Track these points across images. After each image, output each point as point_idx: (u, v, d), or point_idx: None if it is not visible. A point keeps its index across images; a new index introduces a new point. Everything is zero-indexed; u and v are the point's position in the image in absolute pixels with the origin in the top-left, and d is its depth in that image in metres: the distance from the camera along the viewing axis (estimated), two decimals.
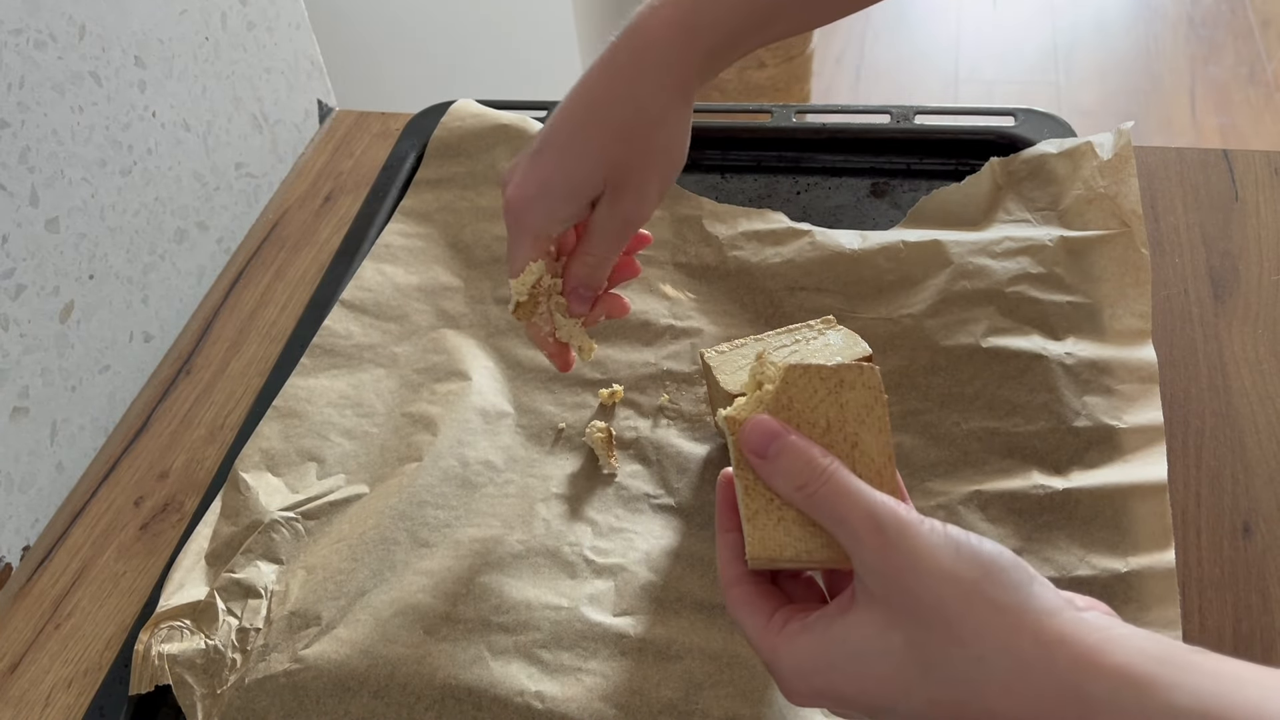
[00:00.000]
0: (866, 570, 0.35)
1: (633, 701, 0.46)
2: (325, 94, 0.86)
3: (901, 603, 0.34)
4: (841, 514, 0.35)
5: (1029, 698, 0.32)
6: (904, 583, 0.34)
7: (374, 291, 0.65)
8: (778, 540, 0.37)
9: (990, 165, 0.66)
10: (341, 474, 0.56)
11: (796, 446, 0.37)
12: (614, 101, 0.47)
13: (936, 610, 0.33)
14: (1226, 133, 2.07)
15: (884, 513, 0.35)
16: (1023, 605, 0.33)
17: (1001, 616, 0.33)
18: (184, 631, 0.50)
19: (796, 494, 0.37)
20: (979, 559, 0.34)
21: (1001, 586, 0.33)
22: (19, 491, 0.59)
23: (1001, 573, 0.34)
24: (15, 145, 0.56)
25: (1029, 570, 0.34)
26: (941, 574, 0.33)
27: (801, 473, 0.36)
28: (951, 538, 0.34)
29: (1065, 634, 0.32)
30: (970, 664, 0.33)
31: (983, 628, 0.33)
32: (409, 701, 0.47)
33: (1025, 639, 0.32)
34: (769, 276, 0.63)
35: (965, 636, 0.33)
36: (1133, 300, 0.58)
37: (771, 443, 0.37)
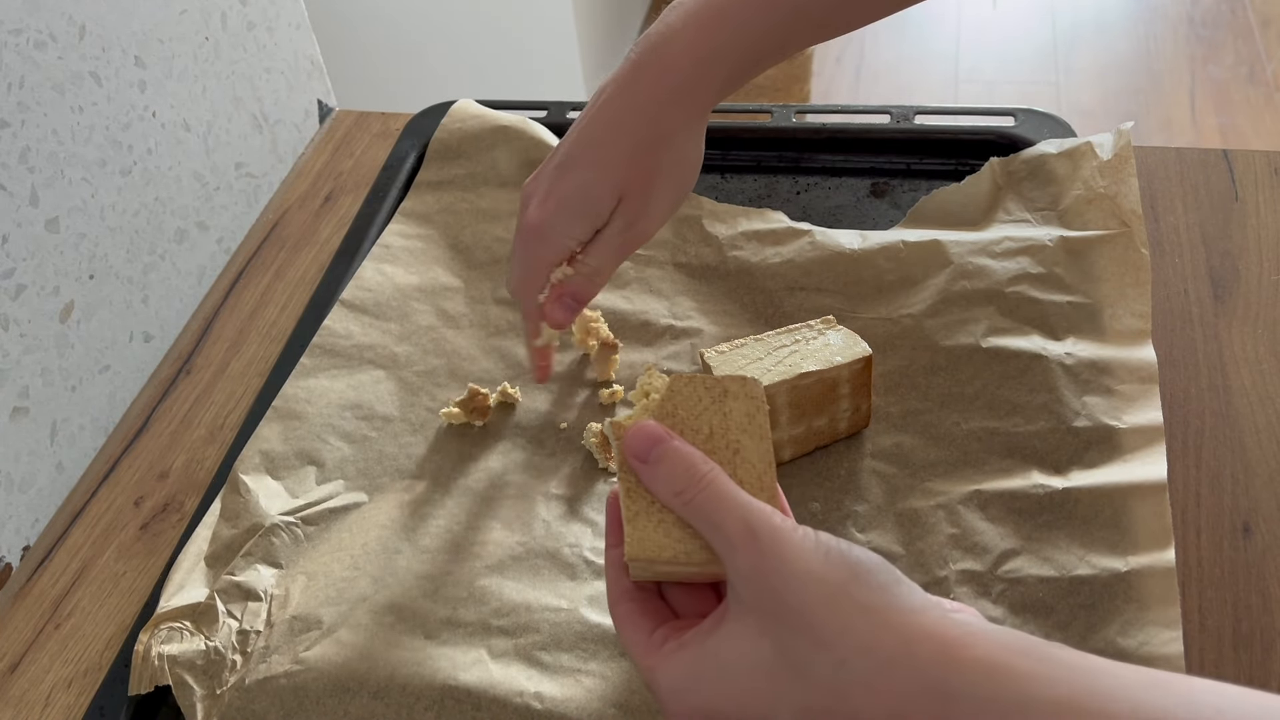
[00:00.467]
0: (739, 577, 0.35)
1: (632, 701, 0.46)
2: (325, 94, 0.86)
3: (771, 608, 0.34)
4: (717, 520, 0.36)
5: (891, 696, 0.32)
6: (773, 587, 0.34)
7: (374, 292, 0.65)
8: (656, 542, 0.37)
9: (990, 165, 0.66)
10: (340, 479, 0.57)
11: (678, 452, 0.37)
12: (633, 122, 0.48)
13: (802, 614, 0.33)
14: (1226, 133, 2.07)
15: (758, 520, 0.35)
16: (887, 605, 0.33)
17: (866, 616, 0.33)
18: (184, 633, 0.50)
19: (675, 499, 0.37)
20: (846, 561, 0.34)
21: (867, 588, 0.33)
22: (19, 491, 0.59)
23: (868, 574, 0.34)
24: (15, 145, 0.56)
25: (896, 573, 0.34)
26: (809, 577, 0.33)
27: (681, 478, 0.37)
28: (821, 543, 0.34)
29: (928, 630, 0.32)
30: (835, 666, 0.33)
31: (847, 629, 0.33)
32: (409, 702, 0.47)
33: (889, 637, 0.32)
34: (769, 276, 0.63)
35: (830, 639, 0.33)
36: (1133, 300, 0.58)
37: (653, 448, 0.37)
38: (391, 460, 0.57)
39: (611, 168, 0.48)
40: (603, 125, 0.49)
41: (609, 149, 0.48)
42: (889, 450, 0.55)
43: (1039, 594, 0.48)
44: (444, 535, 0.53)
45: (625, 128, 0.48)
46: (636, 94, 0.48)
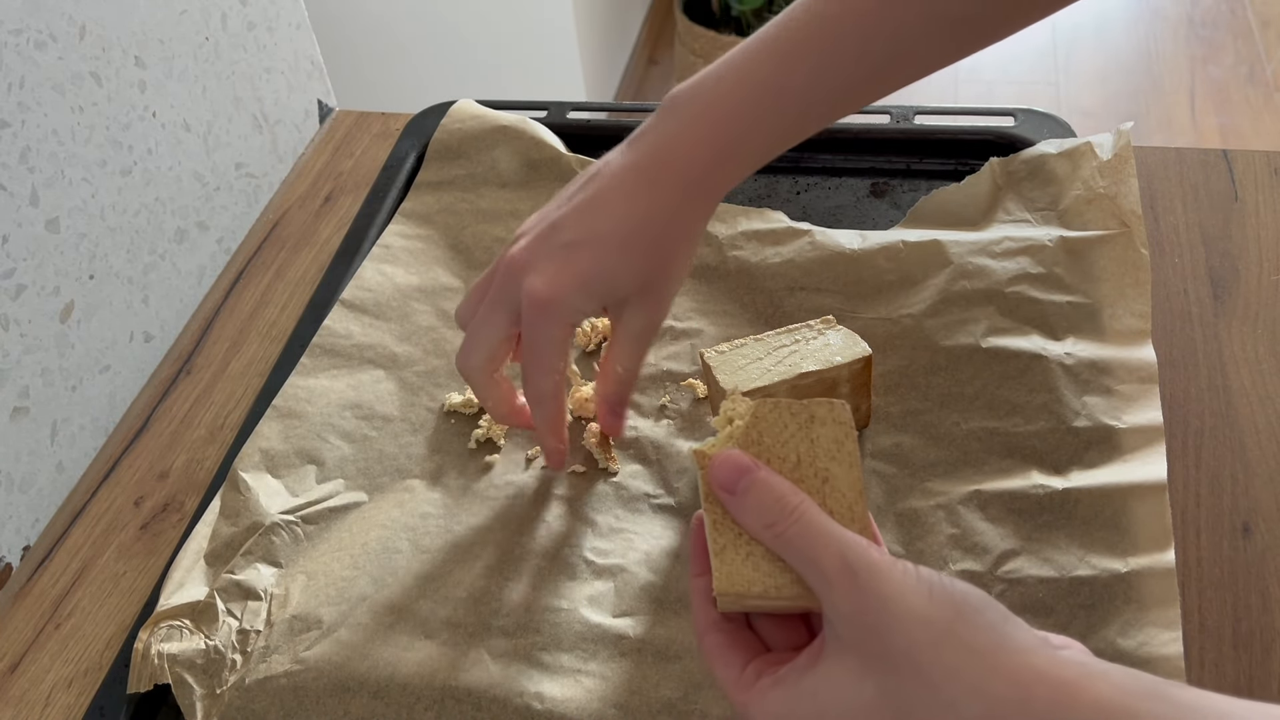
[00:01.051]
0: (836, 614, 0.34)
1: (631, 701, 0.46)
2: (325, 94, 0.86)
3: (872, 649, 0.33)
4: (812, 555, 0.35)
5: None
6: (875, 628, 0.33)
7: (374, 292, 0.65)
8: (745, 576, 0.36)
9: (990, 165, 0.66)
10: (340, 479, 0.57)
11: (766, 483, 0.36)
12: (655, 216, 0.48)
13: (908, 655, 0.32)
14: (1226, 133, 2.07)
15: (855, 555, 0.34)
16: (998, 646, 0.32)
17: (976, 658, 0.32)
18: (183, 631, 0.50)
19: (765, 532, 0.36)
20: (952, 600, 0.33)
21: (975, 628, 0.32)
22: (19, 491, 0.59)
23: (975, 614, 0.33)
24: (15, 145, 0.56)
25: (1002, 610, 0.33)
26: (914, 617, 0.32)
27: (771, 510, 0.36)
28: (924, 579, 0.33)
29: (1042, 672, 0.31)
30: (943, 709, 0.32)
31: (956, 671, 0.32)
32: (409, 702, 0.47)
33: (1000, 680, 0.31)
34: (769, 276, 0.63)
35: (938, 681, 0.32)
36: (1132, 300, 0.58)
37: (741, 478, 0.36)
38: (391, 460, 0.57)
39: (636, 258, 0.48)
40: (629, 212, 0.48)
41: (635, 242, 0.48)
42: (889, 450, 0.55)
43: (1039, 594, 0.48)
44: (444, 535, 0.53)
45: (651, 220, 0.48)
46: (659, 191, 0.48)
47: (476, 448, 0.58)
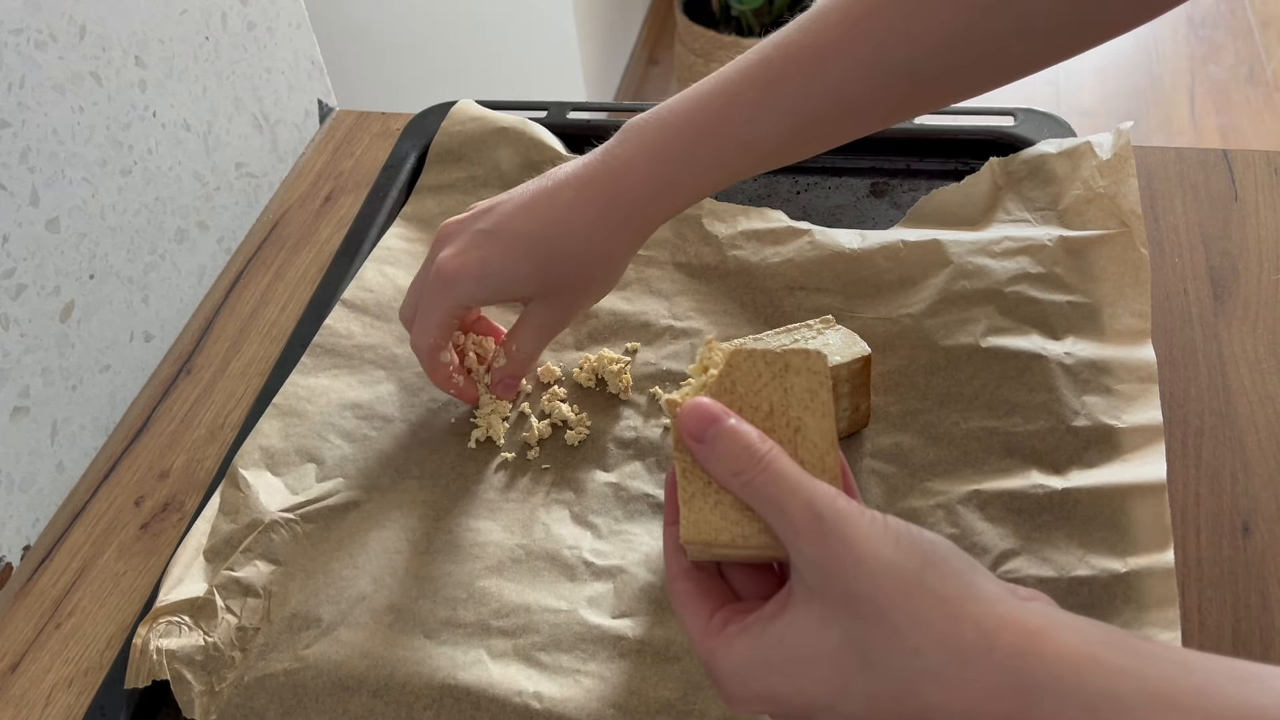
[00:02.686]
0: (804, 562, 0.34)
1: (630, 702, 0.46)
2: (325, 94, 0.86)
3: (838, 595, 0.33)
4: (779, 503, 0.35)
5: (967, 688, 0.31)
6: (841, 574, 0.33)
7: (375, 292, 0.65)
8: (713, 525, 0.36)
9: (990, 165, 0.66)
10: (340, 478, 0.57)
11: (735, 431, 0.36)
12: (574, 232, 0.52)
13: (874, 602, 0.32)
14: (1226, 132, 2.07)
15: (823, 503, 0.34)
16: (964, 594, 0.32)
17: (941, 606, 0.32)
18: (182, 627, 0.50)
19: (733, 480, 0.36)
20: (918, 548, 0.33)
21: (941, 575, 0.33)
22: (19, 491, 0.59)
23: (942, 561, 0.33)
24: (15, 145, 0.56)
25: (969, 559, 0.34)
26: (880, 564, 0.33)
27: (739, 458, 0.36)
28: (891, 528, 0.34)
29: (1006, 620, 0.31)
30: (908, 656, 0.32)
31: (921, 618, 0.32)
32: (408, 701, 0.47)
33: (965, 628, 0.31)
34: (769, 276, 0.63)
35: (903, 628, 0.32)
36: (1132, 300, 0.58)
37: (709, 427, 0.36)
38: (391, 460, 0.57)
39: (538, 263, 0.52)
40: (547, 220, 0.52)
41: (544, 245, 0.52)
42: (888, 450, 0.55)
43: None
44: (444, 536, 0.53)
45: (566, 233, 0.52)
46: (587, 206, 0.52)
47: (476, 447, 0.58)
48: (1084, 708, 0.29)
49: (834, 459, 0.37)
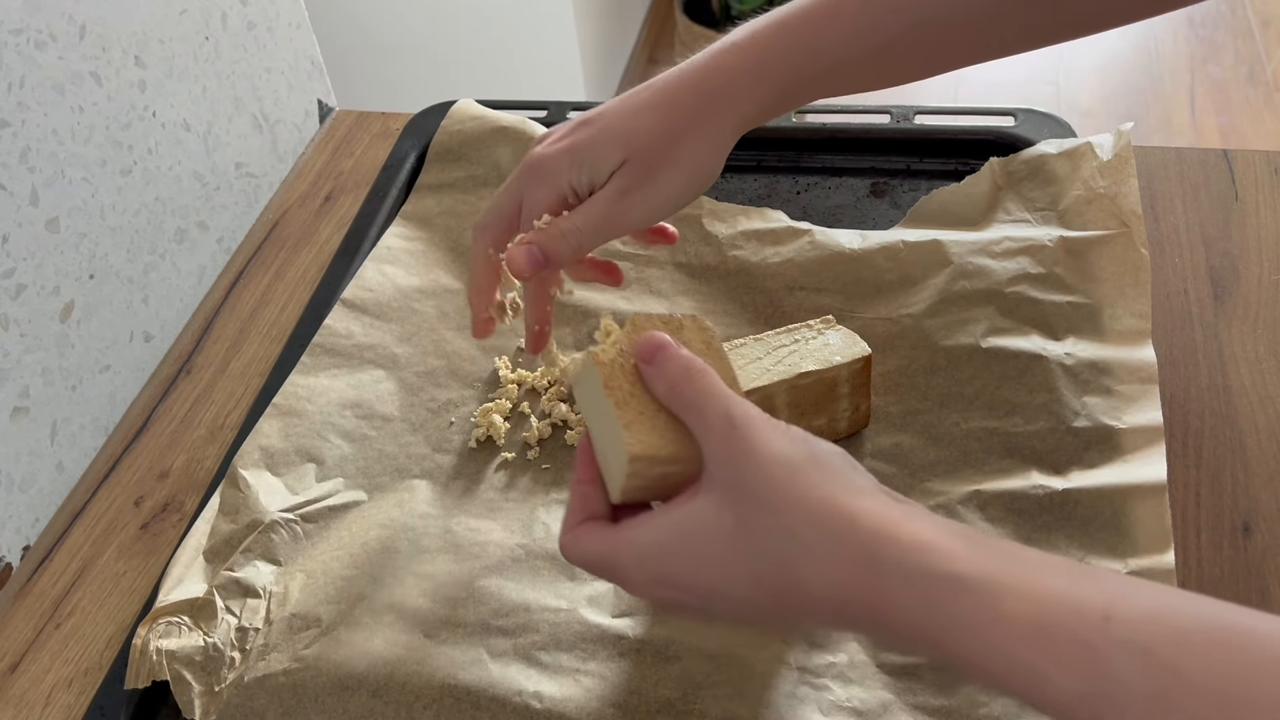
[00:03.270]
0: (712, 458, 0.38)
1: (630, 701, 0.46)
2: (325, 94, 0.86)
3: (735, 484, 0.37)
4: (701, 409, 0.39)
5: (832, 565, 0.35)
6: (739, 466, 0.37)
7: (375, 292, 0.65)
8: (654, 442, 0.40)
9: (990, 165, 0.66)
10: (340, 478, 0.57)
11: (676, 355, 0.41)
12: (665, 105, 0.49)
13: (762, 488, 0.36)
14: (1226, 132, 2.07)
15: (736, 409, 0.38)
16: (841, 486, 0.36)
17: (818, 492, 0.36)
18: (182, 628, 0.50)
19: (670, 394, 0.41)
20: (808, 446, 0.37)
21: (823, 469, 0.37)
22: (19, 491, 0.59)
23: (826, 458, 0.37)
24: (15, 145, 0.56)
25: (854, 462, 0.38)
26: (772, 457, 0.37)
27: (678, 376, 0.41)
28: (789, 431, 0.38)
29: (872, 510, 0.35)
30: (785, 538, 0.36)
31: (799, 502, 0.36)
32: (407, 700, 0.47)
33: (835, 512, 0.35)
34: (769, 276, 0.63)
35: (782, 510, 0.36)
36: (1132, 300, 0.58)
37: (657, 352, 0.41)
38: (391, 460, 0.57)
39: (628, 133, 0.49)
40: (639, 99, 0.50)
41: (633, 118, 0.49)
42: (888, 450, 0.55)
43: None
44: (443, 536, 0.53)
45: (656, 107, 0.50)
46: (681, 83, 0.50)
47: (476, 447, 0.58)
48: (926, 586, 0.33)
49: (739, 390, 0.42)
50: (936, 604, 0.33)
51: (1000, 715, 0.45)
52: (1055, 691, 0.31)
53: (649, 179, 0.49)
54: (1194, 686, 0.29)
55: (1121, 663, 0.30)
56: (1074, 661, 0.30)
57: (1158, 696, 0.29)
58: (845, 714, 0.45)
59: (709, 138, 0.49)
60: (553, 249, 0.48)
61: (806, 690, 0.46)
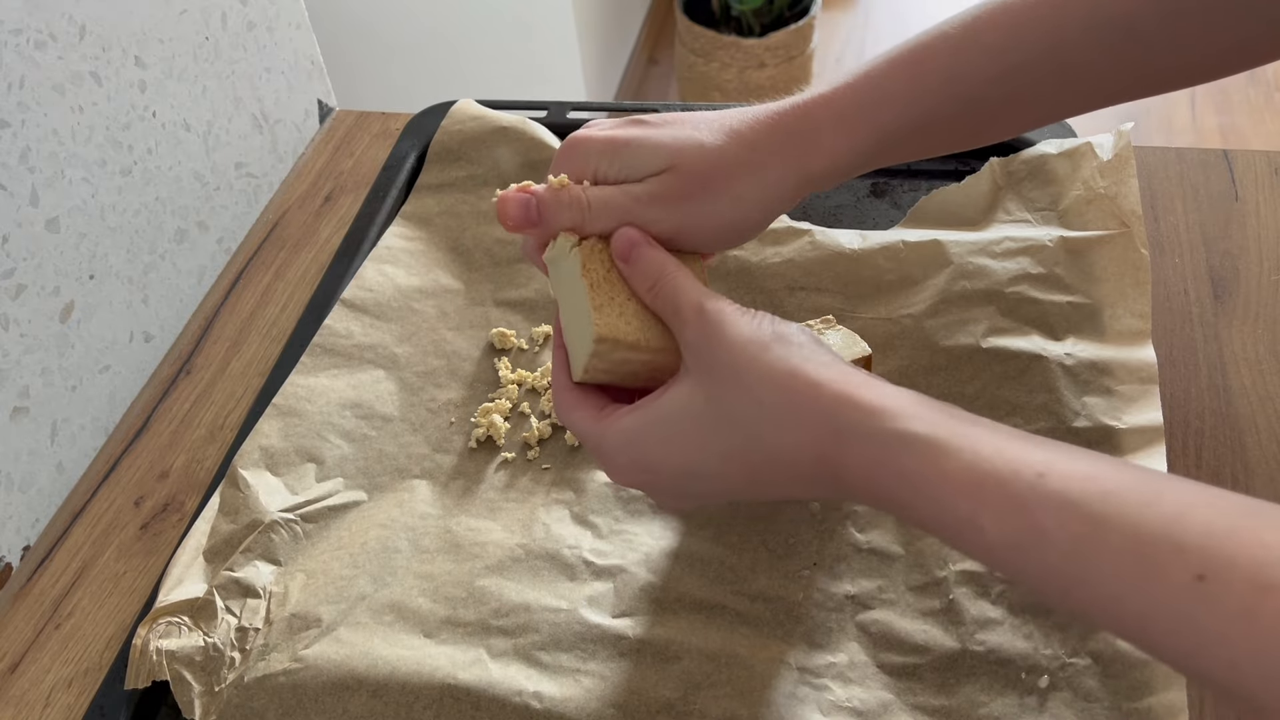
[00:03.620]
0: (687, 348, 0.41)
1: (631, 701, 0.46)
2: (325, 94, 0.86)
3: (707, 366, 0.40)
4: (677, 303, 0.41)
5: (796, 429, 0.37)
6: (712, 350, 0.39)
7: (375, 292, 0.65)
8: (620, 327, 0.42)
9: (990, 165, 0.66)
10: (340, 477, 0.57)
11: (652, 252, 0.43)
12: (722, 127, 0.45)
13: (731, 367, 0.39)
14: (1227, 132, 2.07)
15: (710, 302, 0.41)
16: (805, 359, 0.38)
17: (783, 364, 0.38)
18: (182, 628, 0.50)
19: (647, 291, 0.43)
20: (774, 327, 0.40)
21: (788, 344, 0.39)
22: (19, 491, 0.59)
23: (792, 335, 0.39)
24: (15, 145, 0.56)
25: (819, 339, 0.40)
26: (740, 337, 0.39)
27: (654, 273, 0.43)
28: (757, 316, 0.40)
29: (834, 377, 0.37)
30: (753, 407, 0.38)
31: (766, 375, 0.38)
32: (407, 700, 0.47)
33: (800, 380, 0.37)
34: (769, 276, 0.63)
35: (750, 384, 0.38)
36: (1132, 300, 0.58)
37: (633, 249, 0.43)
38: (391, 460, 0.57)
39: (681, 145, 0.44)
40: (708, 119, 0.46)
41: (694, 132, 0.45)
42: None
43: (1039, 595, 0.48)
44: (443, 535, 0.53)
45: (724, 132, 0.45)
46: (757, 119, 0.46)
47: (476, 447, 0.58)
48: (878, 445, 0.35)
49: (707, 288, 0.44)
50: (886, 462, 0.35)
51: (1000, 715, 0.45)
52: (986, 540, 0.33)
53: (686, 198, 0.44)
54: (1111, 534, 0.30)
55: (1047, 515, 0.32)
56: (1004, 513, 0.32)
57: (1077, 542, 0.31)
58: (845, 714, 0.45)
59: (768, 184, 0.45)
60: (550, 212, 0.44)
61: (806, 690, 0.46)
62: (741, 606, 0.49)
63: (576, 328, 0.44)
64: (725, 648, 0.47)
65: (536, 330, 0.63)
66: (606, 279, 0.44)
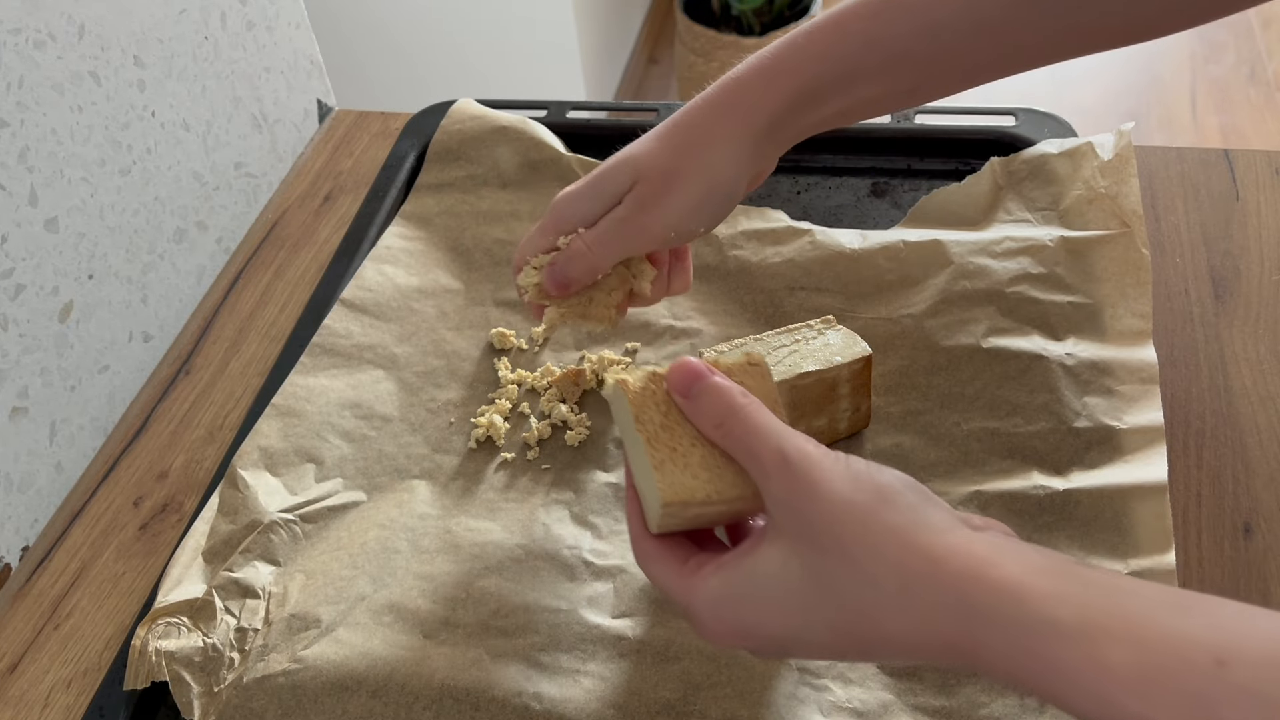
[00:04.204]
0: (774, 502, 0.37)
1: (630, 702, 0.46)
2: (325, 94, 0.86)
3: (801, 531, 0.35)
4: (753, 449, 0.37)
5: (916, 614, 0.33)
6: (804, 510, 0.35)
7: (374, 292, 0.65)
8: (687, 485, 0.38)
9: (990, 165, 0.66)
10: (339, 478, 0.56)
11: (718, 386, 0.39)
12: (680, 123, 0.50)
13: (832, 535, 0.35)
14: (1227, 132, 2.07)
15: (791, 446, 0.36)
16: (915, 524, 0.34)
17: (894, 536, 0.34)
18: (181, 628, 0.50)
19: (715, 431, 0.39)
20: (875, 483, 0.35)
21: (895, 508, 0.35)
22: (18, 491, 0.59)
23: (896, 495, 0.35)
24: (15, 145, 0.56)
25: (926, 493, 0.36)
26: (838, 499, 0.35)
27: (720, 411, 0.38)
28: (851, 466, 0.36)
29: (955, 549, 0.33)
30: (863, 586, 0.34)
31: (875, 549, 0.34)
32: (407, 701, 0.47)
33: (915, 556, 0.33)
34: (769, 276, 0.63)
35: (859, 558, 0.34)
36: (1133, 300, 0.58)
37: (695, 383, 0.39)
38: (391, 460, 0.57)
39: (637, 159, 0.49)
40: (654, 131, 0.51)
41: (643, 145, 0.50)
42: (889, 451, 0.55)
43: None
44: (443, 536, 0.53)
45: (665, 134, 0.50)
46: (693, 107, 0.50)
47: (476, 448, 0.58)
48: (1022, 633, 0.31)
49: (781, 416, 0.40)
50: (1034, 651, 0.31)
51: (1001, 716, 0.45)
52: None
53: (662, 195, 0.49)
54: None
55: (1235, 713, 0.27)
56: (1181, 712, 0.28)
57: None
58: (845, 714, 0.45)
59: (724, 148, 0.49)
60: (567, 270, 0.50)
61: (807, 691, 0.46)
62: None
63: (643, 478, 0.40)
64: (725, 649, 0.47)
65: (536, 330, 0.63)
66: (664, 425, 0.39)
